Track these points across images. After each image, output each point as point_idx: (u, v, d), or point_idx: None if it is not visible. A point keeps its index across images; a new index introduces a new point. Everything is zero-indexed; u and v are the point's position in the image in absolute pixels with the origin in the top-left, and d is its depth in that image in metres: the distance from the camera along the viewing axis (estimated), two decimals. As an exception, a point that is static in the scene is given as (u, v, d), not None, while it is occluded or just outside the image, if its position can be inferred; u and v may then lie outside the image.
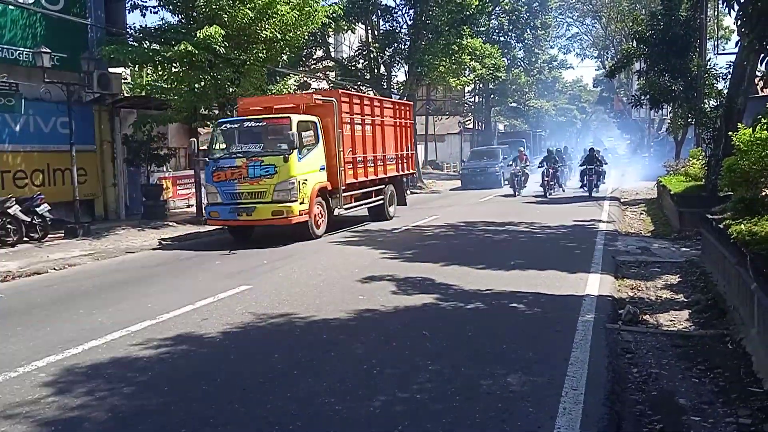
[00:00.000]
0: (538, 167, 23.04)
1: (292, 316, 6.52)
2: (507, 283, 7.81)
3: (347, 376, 4.75)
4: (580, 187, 22.16)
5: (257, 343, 5.72)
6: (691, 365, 5.03)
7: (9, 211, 11.84)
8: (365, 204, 14.78)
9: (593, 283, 7.76)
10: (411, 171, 18.20)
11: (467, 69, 29.76)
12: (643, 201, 19.40)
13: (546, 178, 21.62)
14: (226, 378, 4.79)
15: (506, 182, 25.09)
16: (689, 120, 14.85)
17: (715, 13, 19.73)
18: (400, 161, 16.58)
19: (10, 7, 13.49)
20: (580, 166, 22.58)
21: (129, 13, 16.45)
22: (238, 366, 5.07)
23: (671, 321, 6.40)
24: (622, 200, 20.32)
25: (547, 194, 21.08)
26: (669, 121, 29.34)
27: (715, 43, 21.73)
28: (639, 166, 39.16)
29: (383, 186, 15.49)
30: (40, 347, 5.62)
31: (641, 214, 16.43)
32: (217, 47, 13.24)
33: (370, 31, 28.50)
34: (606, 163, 22.94)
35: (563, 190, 22.84)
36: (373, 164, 14.80)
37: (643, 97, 18.36)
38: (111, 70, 15.67)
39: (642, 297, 7.42)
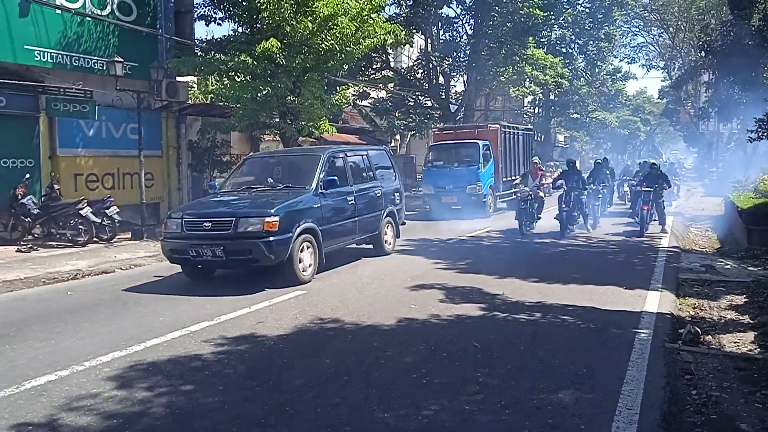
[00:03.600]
0: (554, 189, 15.11)
1: (344, 322, 6.61)
2: (562, 297, 7.67)
3: (396, 385, 4.77)
4: (631, 214, 15.99)
5: (309, 347, 5.82)
6: (754, 389, 4.82)
7: (81, 212, 12.44)
8: None
9: (653, 300, 7.54)
10: None
11: (528, 78, 29.38)
12: (709, 217, 18.68)
13: (564, 207, 13.79)
14: (279, 380, 4.89)
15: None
16: (760, 134, 14.23)
17: (791, 22, 18.82)
18: None
19: (87, 18, 14.22)
20: (634, 186, 15.93)
21: (196, 22, 17.04)
22: (290, 369, 5.18)
23: (735, 343, 6.16)
24: (686, 215, 19.62)
25: (565, 232, 13.73)
26: (738, 134, 28.21)
27: (791, 53, 20.70)
28: (706, 180, 37.77)
29: None
30: (105, 343, 5.89)
31: (707, 230, 15.84)
32: (277, 58, 13.56)
33: (429, 41, 28.59)
34: (669, 186, 15.37)
35: (589, 228, 14.71)
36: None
37: (711, 110, 17.73)
38: (178, 78, 16.28)
39: (704, 317, 7.16)
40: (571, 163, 15.06)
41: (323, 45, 14.05)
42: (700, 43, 19.65)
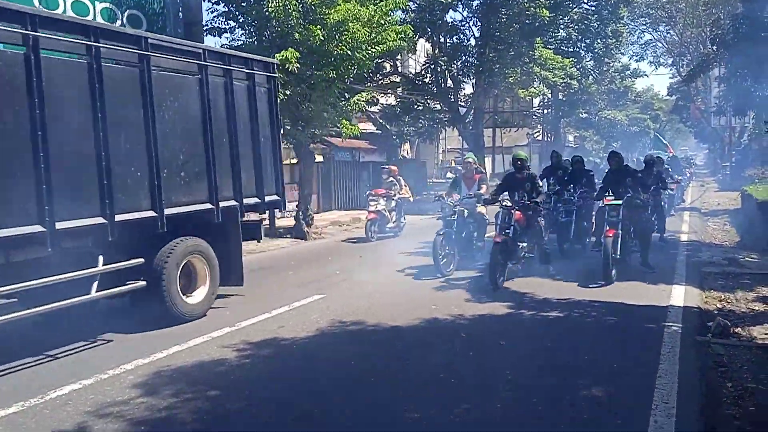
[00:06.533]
0: (489, 203, 9.19)
1: (366, 324, 6.53)
2: (585, 294, 7.58)
3: (425, 385, 4.70)
4: (593, 248, 9.80)
5: (333, 350, 5.75)
6: (791, 381, 4.70)
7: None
8: None
9: (678, 295, 7.43)
10: None
11: (537, 79, 29.23)
12: (726, 212, 18.46)
13: (502, 234, 8.18)
14: (305, 384, 4.83)
15: None
16: (775, 126, 14.08)
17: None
18: None
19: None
20: (595, 199, 9.86)
21: (206, 36, 17.01)
22: (316, 372, 5.11)
23: (766, 335, 6.02)
24: (703, 210, 19.41)
25: (499, 280, 7.99)
26: (752, 128, 27.94)
27: (803, 45, 20.45)
28: (719, 175, 37.49)
29: None
30: (127, 351, 5.84)
31: (725, 224, 15.63)
32: (290, 67, 13.52)
33: (436, 46, 28.55)
34: (671, 187, 11.97)
35: (550, 268, 9.04)
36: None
37: (725, 104, 17.55)
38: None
39: (732, 309, 7.02)
40: (519, 162, 9.00)
41: (335, 51, 14.00)
42: (712, 36, 19.47)
